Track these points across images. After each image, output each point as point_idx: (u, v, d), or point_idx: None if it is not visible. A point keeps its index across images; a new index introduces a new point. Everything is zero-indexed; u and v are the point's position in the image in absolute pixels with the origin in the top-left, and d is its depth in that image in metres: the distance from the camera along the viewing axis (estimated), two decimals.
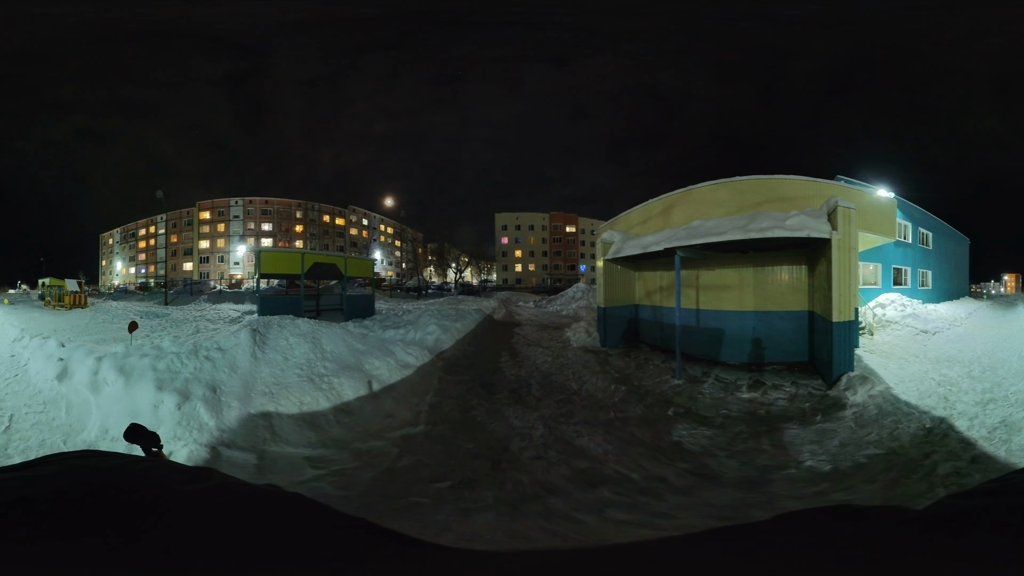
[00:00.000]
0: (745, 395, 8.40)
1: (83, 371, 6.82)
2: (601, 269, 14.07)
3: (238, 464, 5.16)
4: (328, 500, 2.59)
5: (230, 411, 6.16)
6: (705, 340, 11.77)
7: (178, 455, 5.17)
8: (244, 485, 0.87)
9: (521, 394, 8.04)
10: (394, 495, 4.25)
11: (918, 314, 15.59)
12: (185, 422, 5.82)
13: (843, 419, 6.86)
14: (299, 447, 5.49)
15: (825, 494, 4.58)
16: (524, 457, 5.25)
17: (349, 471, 4.80)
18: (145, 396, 6.24)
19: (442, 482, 4.56)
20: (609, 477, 4.78)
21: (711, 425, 6.92)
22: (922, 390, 7.63)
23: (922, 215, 22.72)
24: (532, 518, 3.79)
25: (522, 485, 4.54)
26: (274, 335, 7.39)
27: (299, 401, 6.22)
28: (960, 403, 6.81)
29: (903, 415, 6.59)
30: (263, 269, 18.60)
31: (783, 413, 7.51)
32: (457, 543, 2.22)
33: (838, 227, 9.04)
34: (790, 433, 6.49)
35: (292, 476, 4.86)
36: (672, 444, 6.07)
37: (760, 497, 4.58)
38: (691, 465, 5.37)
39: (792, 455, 5.70)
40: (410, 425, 6.12)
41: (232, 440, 5.68)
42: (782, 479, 5.02)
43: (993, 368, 8.86)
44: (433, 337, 11.21)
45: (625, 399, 7.88)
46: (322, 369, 6.77)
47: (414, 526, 3.59)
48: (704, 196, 12.34)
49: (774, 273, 11.28)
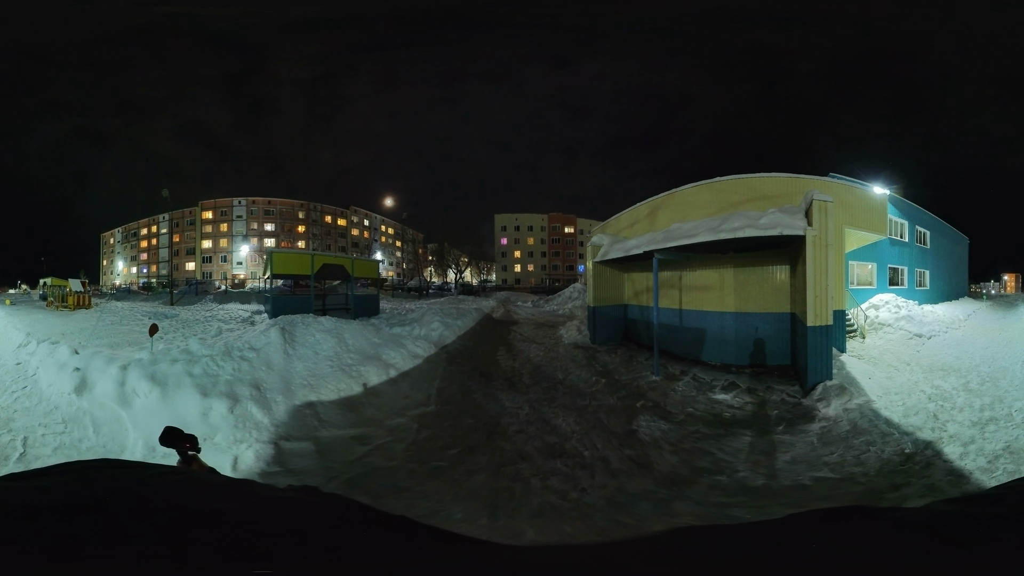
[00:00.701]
0: (716, 396, 8.39)
1: (106, 382, 6.41)
2: (591, 271, 14.98)
3: (299, 454, 5.59)
4: (379, 471, 4.00)
5: (277, 406, 6.45)
6: (688, 340, 11.98)
7: (245, 457, 5.37)
8: (279, 491, 0.87)
9: (513, 381, 9.14)
10: (422, 460, 5.40)
11: (913, 316, 15.00)
12: (241, 424, 5.94)
13: (807, 433, 6.44)
14: (344, 428, 6.32)
15: (728, 507, 4.50)
16: (510, 431, 6.40)
17: (387, 445, 5.86)
18: (190, 404, 6.13)
19: (452, 449, 5.72)
20: (567, 451, 5.78)
21: (671, 421, 7.12)
22: (909, 405, 6.92)
23: (919, 213, 21.97)
24: (507, 479, 4.96)
25: (505, 452, 5.69)
26: (300, 332, 8.28)
27: (336, 388, 7.05)
28: (953, 423, 6.03)
29: (879, 435, 5.95)
30: (275, 269, 19.33)
31: (747, 418, 7.34)
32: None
33: (814, 222, 8.47)
34: (744, 440, 6.31)
35: (346, 456, 5.57)
36: (628, 432, 6.54)
37: (670, 494, 4.77)
38: (635, 453, 5.83)
39: (732, 462, 5.61)
40: (423, 405, 7.26)
41: (287, 432, 6.03)
42: (707, 484, 5.06)
43: (994, 379, 7.98)
44: (437, 333, 12.31)
45: (603, 390, 8.78)
46: (348, 360, 7.77)
47: (442, 484, 4.77)
48: (686, 198, 12.56)
49: (755, 274, 10.99)
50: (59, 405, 6.20)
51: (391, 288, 52.36)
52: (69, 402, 6.22)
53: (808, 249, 8.36)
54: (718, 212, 10.81)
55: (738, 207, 10.63)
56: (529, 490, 4.68)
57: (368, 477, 4.99)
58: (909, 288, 20.31)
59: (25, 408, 6.27)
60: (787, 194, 10.31)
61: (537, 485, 4.81)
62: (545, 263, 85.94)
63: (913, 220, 21.40)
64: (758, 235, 8.82)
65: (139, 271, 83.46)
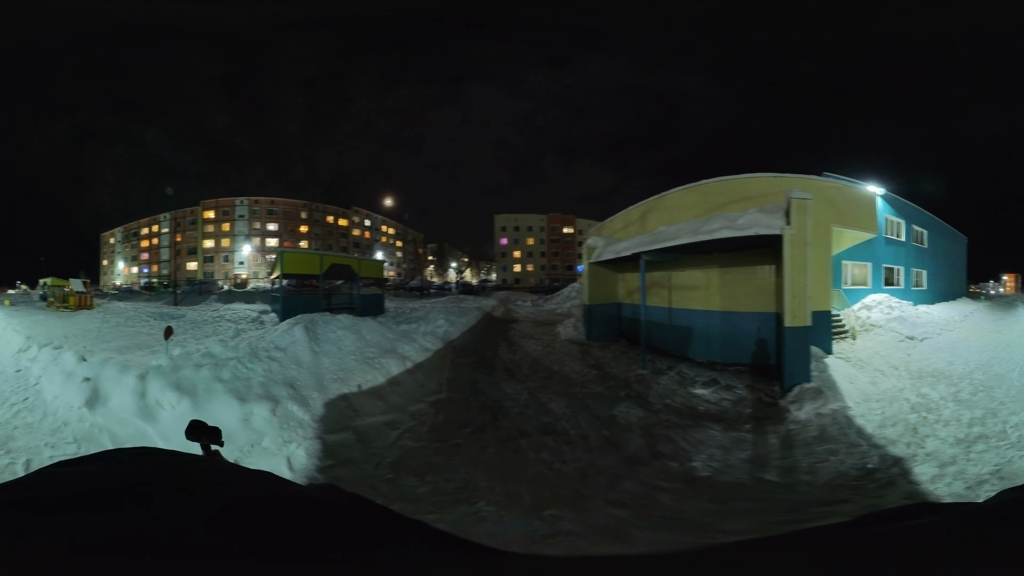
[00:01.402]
0: (696, 391, 8.65)
1: (122, 394, 5.89)
2: (586, 271, 15.82)
3: (344, 444, 5.88)
4: (413, 451, 5.81)
5: (314, 402, 6.61)
6: (676, 337, 12.35)
7: (297, 456, 5.40)
8: (300, 489, 0.90)
9: (513, 372, 10.10)
10: (444, 439, 6.29)
11: (906, 317, 14.59)
12: (286, 425, 5.91)
13: (772, 433, 6.46)
14: (376, 416, 6.85)
15: (662, 491, 4.80)
16: (511, 412, 7.34)
17: (413, 428, 6.69)
18: (227, 411, 5.90)
19: (466, 429, 6.66)
20: (556, 430, 6.62)
21: (648, 410, 7.56)
22: (888, 415, 6.62)
23: (917, 212, 21.49)
24: (510, 452, 5.87)
25: (509, 429, 6.64)
26: (322, 330, 9.00)
27: (363, 380, 7.70)
28: (934, 438, 5.61)
29: (846, 445, 5.74)
30: (285, 269, 19.96)
31: (719, 413, 7.51)
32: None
33: (792, 221, 8.40)
34: (709, 433, 6.49)
35: (384, 441, 6.11)
36: (609, 417, 7.19)
37: (625, 472, 5.24)
38: (610, 434, 6.48)
39: (690, 452, 5.84)
40: (437, 393, 8.17)
41: (328, 426, 6.22)
42: (658, 467, 5.41)
43: (987, 388, 7.47)
44: (443, 329, 13.22)
45: (592, 380, 9.61)
46: (369, 354, 8.63)
47: (463, 458, 5.67)
48: (674, 201, 12.94)
49: (740, 274, 11.07)
50: (68, 421, 5.58)
51: (393, 288, 53.15)
52: (80, 417, 5.60)
53: (785, 248, 8.31)
54: (704, 214, 11.01)
55: (723, 208, 10.78)
56: (527, 461, 5.58)
57: (406, 457, 5.66)
58: (905, 288, 19.93)
59: (27, 424, 5.61)
60: (772, 194, 10.29)
61: (532, 457, 5.69)
62: (544, 263, 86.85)
63: (910, 219, 20.90)
64: (735, 236, 9.01)
65: (140, 271, 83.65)
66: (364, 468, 5.33)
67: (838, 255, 16.14)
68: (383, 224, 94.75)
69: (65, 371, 6.63)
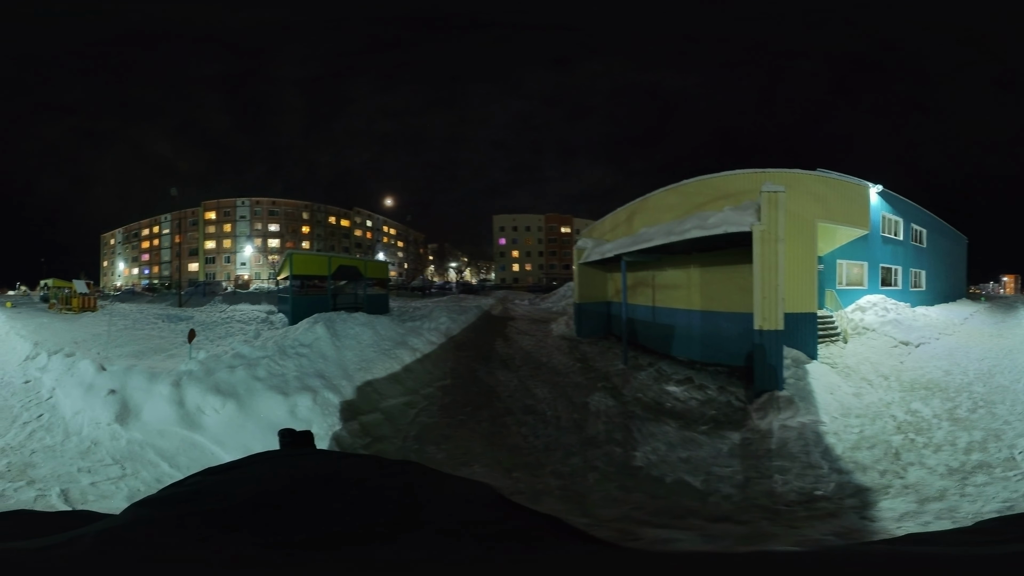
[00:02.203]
0: (668, 387, 8.90)
1: (157, 404, 5.63)
2: (576, 271, 16.86)
3: (374, 423, 6.82)
4: (429, 426, 7.48)
5: (345, 389, 7.37)
6: (660, 336, 12.69)
7: (341, 436, 6.13)
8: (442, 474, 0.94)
9: (507, 363, 11.42)
10: (451, 416, 7.59)
11: (901, 320, 13.98)
12: (326, 411, 6.48)
13: (725, 439, 6.29)
14: (396, 397, 8.00)
15: (590, 471, 5.36)
16: (503, 396, 8.69)
17: (426, 408, 7.92)
18: (274, 406, 6.12)
19: (467, 408, 8.00)
20: (537, 410, 7.84)
21: (619, 401, 8.16)
22: (867, 434, 5.90)
23: (915, 211, 20.84)
24: (500, 429, 7.07)
25: (499, 408, 7.95)
26: (341, 327, 10.14)
27: (383, 368, 8.85)
28: (919, 467, 4.83)
29: (803, 465, 5.14)
30: (295, 270, 20.58)
31: (683, 411, 7.67)
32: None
33: (762, 216, 8.00)
34: (664, 429, 6.71)
35: (405, 419, 7.20)
36: (583, 404, 8.02)
37: (576, 450, 5.97)
38: (579, 418, 7.34)
39: (638, 442, 6.22)
40: (442, 379, 9.49)
41: (359, 408, 7.00)
42: (603, 451, 5.94)
43: (989, 403, 6.63)
44: (445, 326, 14.51)
45: (575, 372, 10.70)
46: (385, 346, 9.89)
47: (466, 431, 6.88)
48: (657, 202, 13.26)
49: (720, 273, 10.98)
50: (99, 440, 5.03)
51: (395, 288, 54.32)
52: (113, 435, 5.10)
53: (755, 245, 7.93)
54: (685, 214, 10.92)
55: (703, 208, 10.59)
56: (509, 434, 6.81)
57: (425, 432, 6.74)
58: (903, 289, 19.39)
59: (48, 447, 4.94)
60: (751, 191, 9.78)
61: (514, 432, 6.90)
62: (543, 262, 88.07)
63: (908, 218, 20.19)
64: (704, 235, 8.98)
65: (140, 272, 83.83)
66: (395, 442, 6.48)
67: (832, 253, 16.17)
68: (385, 224, 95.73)
69: (84, 382, 6.05)
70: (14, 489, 4.17)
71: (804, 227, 10.44)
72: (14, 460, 4.73)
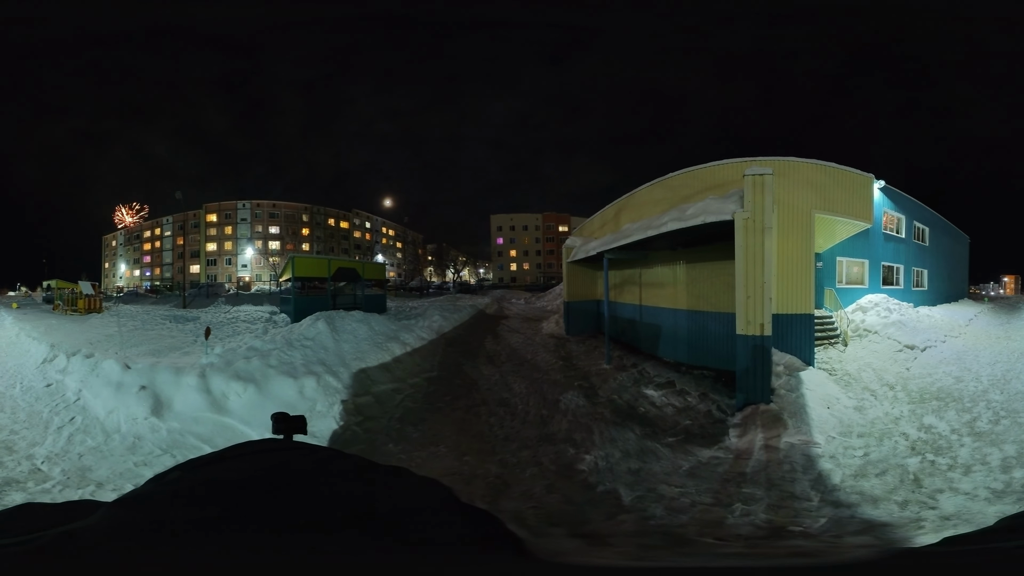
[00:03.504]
0: (647, 391, 8.62)
1: (187, 394, 6.24)
2: (566, 270, 17.25)
3: (366, 404, 7.66)
4: (411, 410, 8.58)
5: (342, 375, 8.28)
6: (647, 335, 12.38)
7: (339, 415, 7.03)
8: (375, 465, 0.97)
9: (493, 359, 12.11)
10: (431, 403, 8.35)
11: (905, 322, 13.09)
12: (327, 392, 7.50)
13: (690, 455, 5.63)
14: (386, 384, 8.90)
15: (533, 464, 5.46)
16: (482, 388, 9.37)
17: (412, 394, 8.70)
18: (286, 388, 7.14)
19: (447, 397, 8.73)
20: (509, 403, 8.30)
21: (592, 401, 8.11)
22: (875, 457, 5.00)
23: (918, 208, 20.06)
24: (472, 417, 7.71)
25: (476, 399, 8.62)
26: (339, 323, 11.02)
27: (376, 359, 9.74)
28: (955, 493, 4.14)
29: (780, 498, 4.39)
30: (296, 272, 21.43)
31: (654, 418, 7.26)
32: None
33: (746, 202, 7.12)
34: (626, 435, 6.36)
35: (392, 402, 8.08)
36: (555, 401, 8.15)
37: (532, 444, 6.17)
38: (547, 414, 7.52)
39: (594, 445, 6.12)
40: (429, 372, 10.26)
41: (355, 391, 7.91)
42: (555, 450, 5.92)
43: (1012, 412, 6.00)
44: (437, 324, 15.25)
45: (556, 370, 11.05)
46: (378, 340, 10.70)
47: (440, 416, 7.63)
48: (644, 198, 12.93)
49: (707, 270, 10.19)
50: (141, 435, 5.42)
51: (394, 288, 55.06)
52: (153, 428, 5.51)
53: (738, 235, 7.04)
54: (671, 207, 10.39)
55: (689, 200, 9.94)
56: (479, 422, 7.42)
57: (407, 414, 7.64)
58: (905, 288, 18.66)
59: (94, 449, 5.18)
60: (739, 180, 8.90)
61: (484, 420, 7.50)
62: (540, 261, 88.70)
63: (911, 215, 19.50)
64: (682, 227, 8.49)
65: (142, 274, 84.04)
66: (381, 421, 7.37)
67: (832, 250, 15.57)
68: (383, 226, 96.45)
69: (111, 381, 6.36)
70: (90, 493, 4.33)
71: (800, 219, 9.80)
72: (67, 467, 4.83)
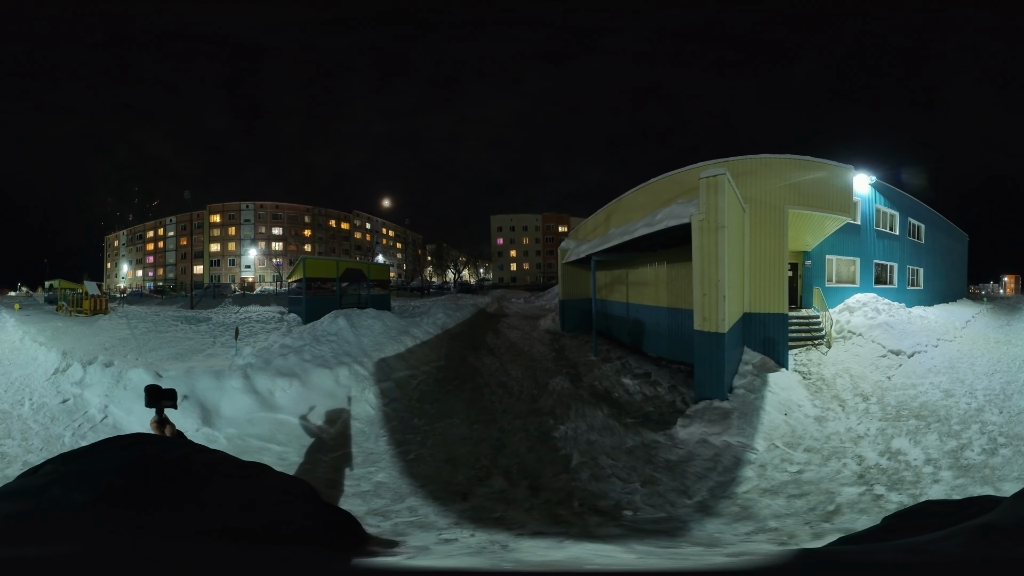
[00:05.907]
0: (624, 380, 9.39)
1: (233, 397, 6.23)
2: (561, 271, 18.62)
3: (388, 389, 8.68)
4: (426, 392, 10.34)
5: (367, 364, 9.26)
6: (633, 332, 13.27)
7: (370, 398, 7.91)
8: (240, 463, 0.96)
9: (493, 351, 13.55)
10: (443, 386, 9.71)
11: (893, 323, 12.37)
12: (358, 379, 8.41)
13: (636, 435, 6.14)
14: (402, 371, 10.05)
15: (518, 432, 6.59)
16: (485, 373, 10.77)
17: (425, 379, 10.04)
18: (325, 378, 7.85)
19: (455, 381, 10.13)
20: (507, 386, 9.64)
21: (576, 386, 9.19)
22: (808, 478, 4.48)
23: (913, 204, 19.40)
24: (477, 396, 9.03)
25: (479, 383, 9.98)
26: (357, 320, 12.30)
27: (393, 350, 11.02)
28: None
29: (668, 490, 4.50)
30: (308, 273, 22.54)
31: (625, 402, 8.11)
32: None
33: (700, 204, 7.34)
34: (595, 413, 7.15)
35: (409, 386, 9.20)
36: (545, 384, 9.37)
37: (522, 415, 7.36)
38: (537, 393, 8.74)
39: (568, 418, 6.94)
40: (438, 361, 11.67)
41: (378, 378, 8.87)
42: (537, 421, 7.07)
43: (1013, 438, 4.97)
44: (441, 321, 16.55)
45: (549, 360, 12.44)
46: (392, 334, 12.07)
47: (451, 396, 8.98)
48: (630, 202, 13.68)
49: (685, 269, 9.84)
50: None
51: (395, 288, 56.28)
52: (209, 439, 5.37)
53: (694, 236, 7.30)
54: (652, 211, 10.46)
55: (668, 204, 10.10)
56: (483, 400, 8.77)
57: (423, 395, 8.84)
58: (899, 287, 17.99)
59: None
60: None
61: (487, 398, 8.87)
62: (540, 261, 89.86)
63: (905, 211, 18.65)
64: (650, 232, 8.81)
65: (145, 274, 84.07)
66: (403, 402, 8.61)
67: (820, 247, 15.25)
68: (383, 227, 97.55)
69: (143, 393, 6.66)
70: None
71: (773, 216, 9.78)
72: None
